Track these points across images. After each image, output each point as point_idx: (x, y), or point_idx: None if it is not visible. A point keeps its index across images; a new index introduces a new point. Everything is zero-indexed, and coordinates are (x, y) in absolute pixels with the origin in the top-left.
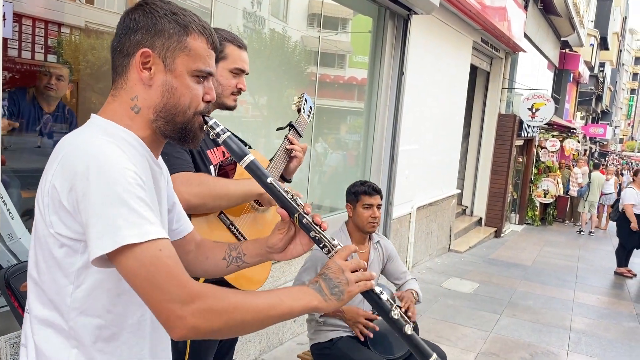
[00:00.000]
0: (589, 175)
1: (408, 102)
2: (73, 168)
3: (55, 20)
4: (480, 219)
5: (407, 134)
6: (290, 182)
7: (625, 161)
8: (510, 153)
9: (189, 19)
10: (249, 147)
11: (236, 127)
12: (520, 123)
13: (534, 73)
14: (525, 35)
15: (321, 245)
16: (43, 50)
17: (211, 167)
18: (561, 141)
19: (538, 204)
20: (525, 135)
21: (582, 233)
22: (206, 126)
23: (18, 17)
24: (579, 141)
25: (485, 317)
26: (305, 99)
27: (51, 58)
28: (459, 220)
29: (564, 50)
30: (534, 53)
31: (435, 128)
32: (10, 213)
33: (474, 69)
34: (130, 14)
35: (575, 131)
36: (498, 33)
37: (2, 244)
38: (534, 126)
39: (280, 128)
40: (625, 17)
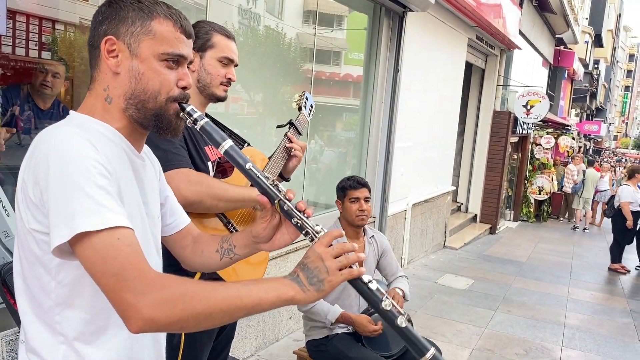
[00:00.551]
0: (584, 172)
1: (403, 99)
2: (37, 160)
3: (50, 17)
4: (475, 215)
5: (403, 131)
6: (288, 181)
7: (618, 158)
8: (505, 150)
9: (153, 5)
10: (247, 145)
11: (232, 124)
12: (515, 120)
13: (528, 70)
14: (520, 33)
15: (304, 232)
16: (37, 47)
17: (209, 164)
18: (556, 138)
19: (533, 201)
20: (520, 132)
21: (577, 230)
22: (183, 113)
23: (12, 14)
24: (573, 138)
25: (480, 313)
26: (306, 97)
27: (45, 55)
28: (454, 216)
29: (558, 48)
30: (528, 50)
31: (430, 125)
32: (5, 210)
33: (469, 66)
34: (99, 8)
35: (569, 128)
36: (493, 30)
37: None
38: (528, 123)
39: (281, 126)
40: (620, 15)
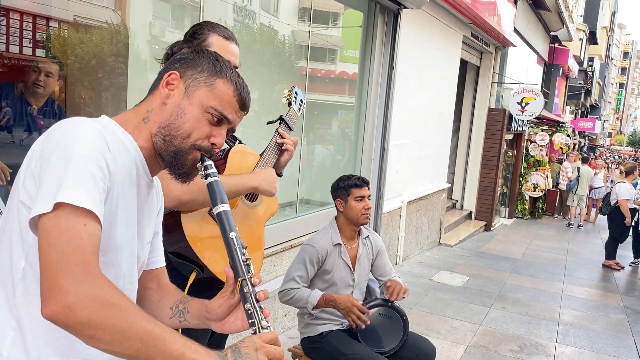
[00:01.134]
0: (578, 169)
1: (398, 97)
2: (51, 138)
3: (44, 14)
4: (470, 212)
5: (398, 129)
6: (281, 176)
7: (611, 155)
8: (500, 147)
9: (227, 67)
10: (239, 142)
11: None
12: (510, 117)
13: (523, 67)
14: (515, 30)
15: (250, 321)
16: (31, 45)
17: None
18: (550, 135)
19: (527, 198)
20: (515, 129)
21: (571, 226)
22: (200, 164)
23: (5, 11)
24: (568, 135)
25: (475, 310)
26: (296, 92)
27: (39, 52)
28: (449, 214)
29: (553, 45)
30: (523, 47)
31: (425, 122)
32: None
33: (464, 64)
34: (187, 49)
35: (564, 125)
36: (488, 27)
37: None
38: (523, 120)
39: (271, 122)
40: (614, 12)
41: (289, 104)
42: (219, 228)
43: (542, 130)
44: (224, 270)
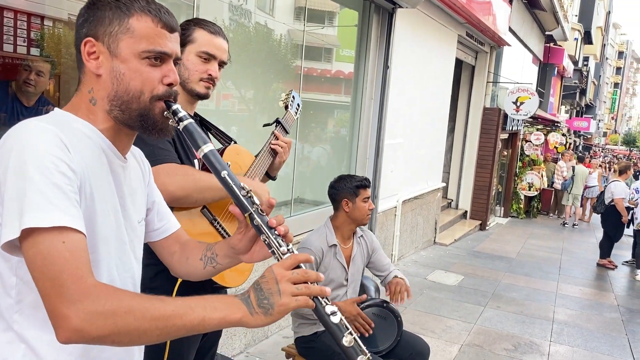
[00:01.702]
0: (573, 168)
1: (393, 96)
2: (1, 154)
3: (38, 13)
4: (466, 212)
5: (393, 128)
6: (274, 179)
7: (605, 155)
8: (495, 146)
9: (131, 2)
10: (234, 142)
11: (222, 121)
12: (505, 117)
13: (518, 67)
14: (510, 30)
15: (270, 250)
16: (25, 44)
17: (195, 161)
18: (545, 135)
19: (523, 197)
20: (510, 128)
21: (566, 225)
22: (167, 112)
23: None
24: (563, 134)
25: (469, 309)
26: (293, 96)
27: (34, 51)
28: (444, 213)
29: (548, 45)
30: (518, 47)
31: (420, 122)
32: None
33: (459, 63)
34: (80, 10)
35: (559, 125)
36: (483, 27)
37: None
38: (518, 120)
39: (267, 124)
40: (609, 12)
41: (286, 107)
42: (210, 169)
43: (537, 129)
44: (229, 209)
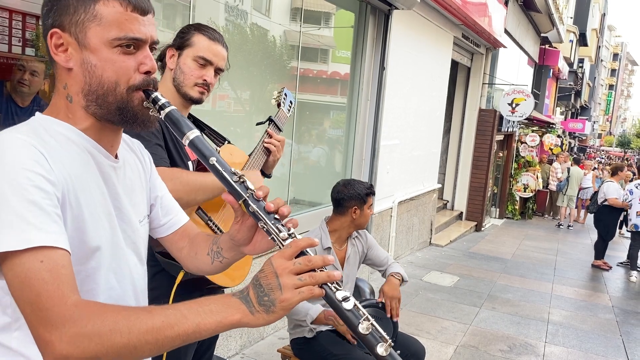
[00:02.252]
0: (568, 169)
1: (389, 97)
2: None
3: (33, 13)
4: (461, 213)
5: (388, 129)
6: (270, 177)
7: (601, 158)
8: (491, 148)
9: None
10: (228, 142)
11: (218, 122)
12: (501, 118)
13: (514, 69)
14: (506, 31)
15: (270, 237)
16: (20, 43)
17: (189, 163)
18: (541, 136)
19: (518, 198)
20: (506, 130)
21: (561, 227)
22: (146, 101)
23: None
24: (558, 136)
25: (465, 310)
26: (285, 94)
27: (28, 51)
28: (439, 214)
29: (543, 46)
30: (514, 49)
31: (416, 123)
32: None
33: (454, 65)
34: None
35: (554, 126)
36: (479, 29)
37: None
38: (514, 121)
39: (260, 123)
40: (604, 14)
41: (278, 105)
42: (197, 156)
43: (533, 131)
44: (222, 197)
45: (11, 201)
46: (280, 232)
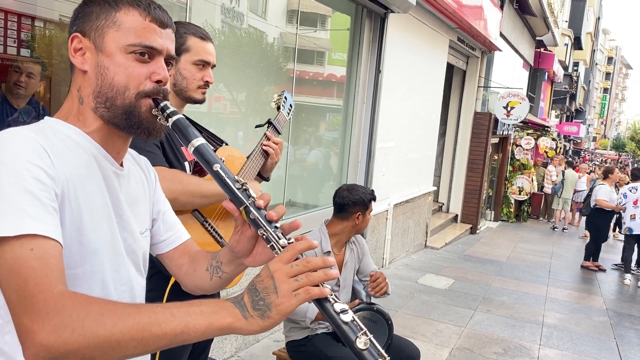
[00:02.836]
0: (563, 172)
1: (385, 100)
2: None
3: (29, 14)
4: (456, 215)
5: (384, 132)
6: (268, 180)
7: (596, 161)
8: (486, 151)
9: None
10: (225, 144)
11: (214, 124)
12: (496, 121)
13: (509, 72)
14: (501, 35)
15: (269, 245)
16: (15, 45)
17: (186, 164)
18: (536, 139)
19: (513, 201)
20: (501, 133)
21: (556, 229)
22: (155, 109)
23: None
24: (553, 139)
25: (460, 313)
26: (285, 97)
27: (24, 52)
28: (435, 217)
29: (538, 50)
30: (509, 52)
31: (411, 126)
32: None
33: (450, 68)
34: (74, 11)
35: (549, 129)
36: (474, 32)
37: None
38: (509, 124)
39: (259, 125)
40: (599, 18)
41: (278, 108)
42: (201, 164)
43: (528, 134)
44: (223, 204)
45: (8, 190)
46: (279, 240)
